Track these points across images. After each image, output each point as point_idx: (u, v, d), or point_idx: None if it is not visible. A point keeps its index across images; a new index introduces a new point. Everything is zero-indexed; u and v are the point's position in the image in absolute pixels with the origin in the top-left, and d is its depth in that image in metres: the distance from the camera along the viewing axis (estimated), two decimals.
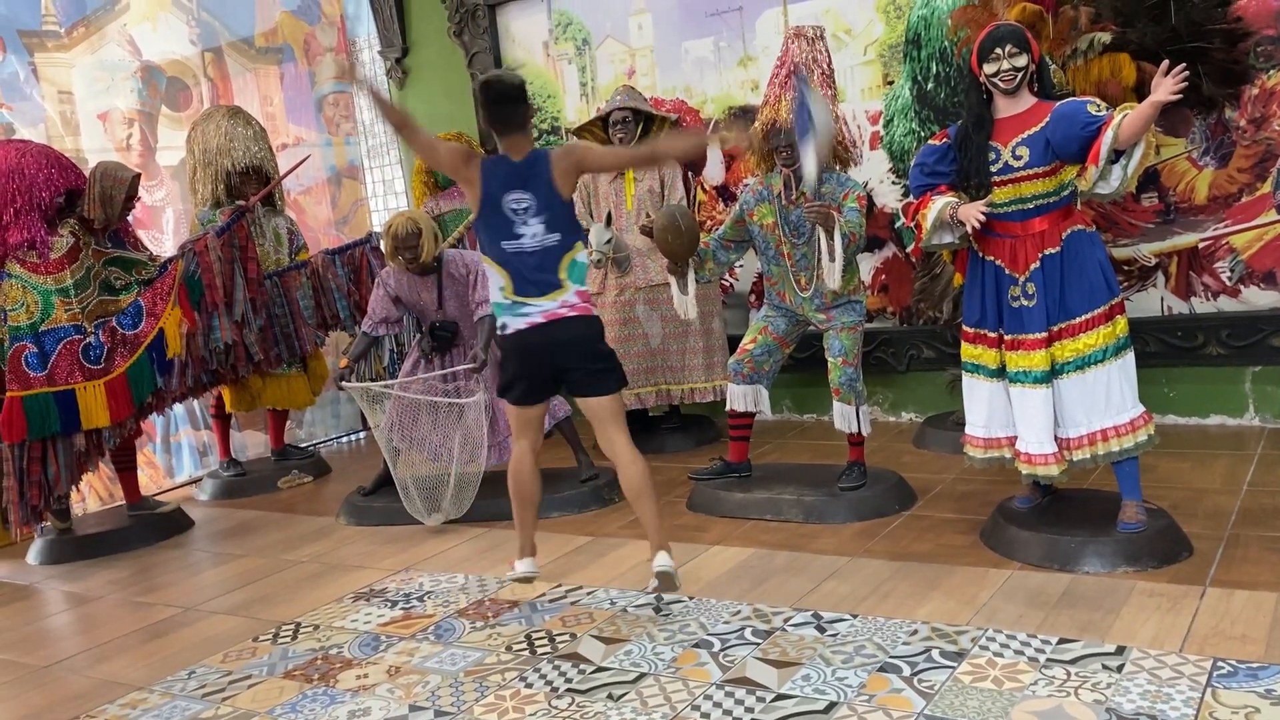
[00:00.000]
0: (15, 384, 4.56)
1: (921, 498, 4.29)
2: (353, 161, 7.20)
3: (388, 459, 4.68)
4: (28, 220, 4.62)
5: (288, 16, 6.82)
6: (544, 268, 3.22)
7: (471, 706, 2.89)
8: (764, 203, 4.26)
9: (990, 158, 3.39)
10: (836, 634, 3.08)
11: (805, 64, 4.09)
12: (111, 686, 3.34)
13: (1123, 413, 3.41)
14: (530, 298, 3.23)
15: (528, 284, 3.23)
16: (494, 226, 3.23)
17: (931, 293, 5.00)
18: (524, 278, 3.23)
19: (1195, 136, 4.78)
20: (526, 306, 3.23)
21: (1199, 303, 4.89)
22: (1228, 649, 2.74)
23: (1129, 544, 3.36)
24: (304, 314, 5.55)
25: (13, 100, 5.52)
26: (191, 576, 4.44)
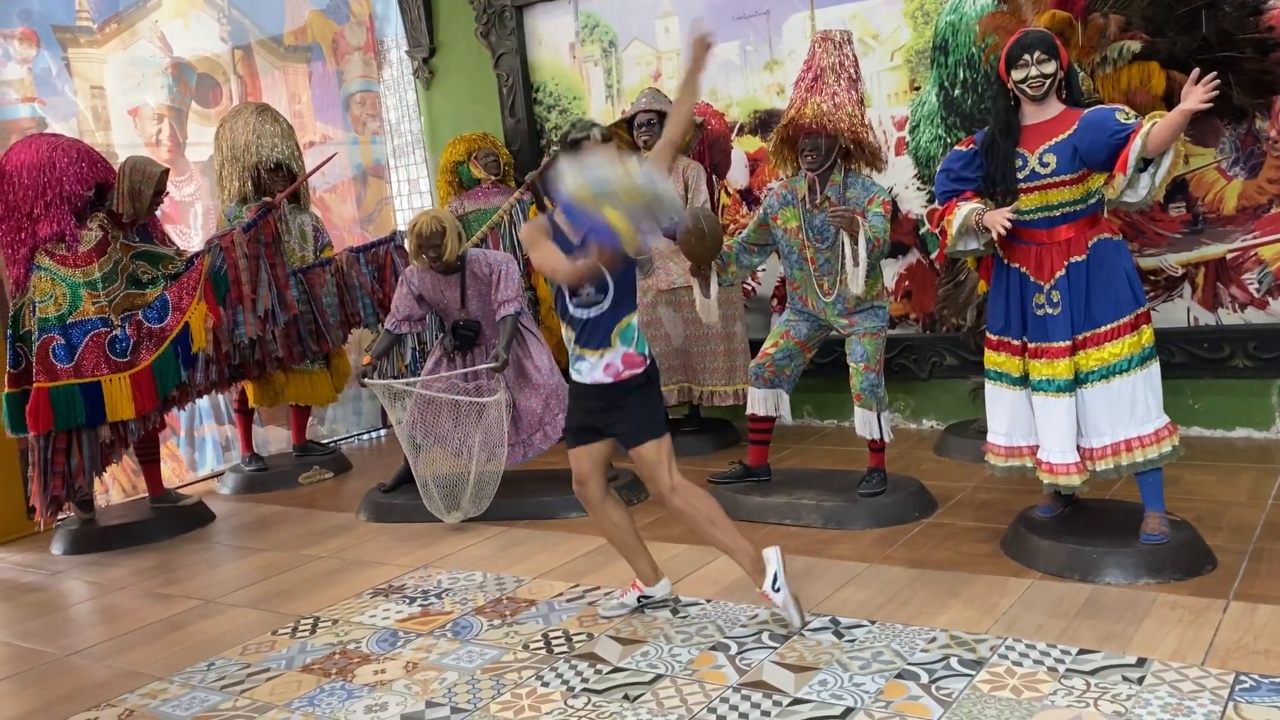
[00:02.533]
0: (42, 375, 4.61)
1: (942, 505, 4.27)
2: (378, 160, 7.24)
3: (408, 456, 4.70)
4: (58, 213, 4.67)
5: (317, 15, 6.86)
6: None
7: (488, 704, 2.90)
8: (788, 206, 4.25)
9: (1017, 164, 3.37)
10: (854, 640, 3.07)
11: (832, 67, 4.08)
12: (131, 676, 3.37)
13: (1147, 423, 3.38)
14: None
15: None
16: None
17: (955, 300, 4.97)
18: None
19: (1225, 146, 4.74)
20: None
21: (1226, 314, 4.85)
22: (1250, 663, 2.72)
23: (1151, 555, 3.34)
24: (328, 311, 5.58)
25: (45, 95, 5.59)
26: (212, 569, 4.47)
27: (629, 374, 3.24)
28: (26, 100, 5.52)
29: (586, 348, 3.25)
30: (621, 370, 3.24)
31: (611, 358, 3.22)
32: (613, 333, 3.22)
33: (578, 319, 3.24)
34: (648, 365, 3.28)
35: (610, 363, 3.23)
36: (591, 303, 3.21)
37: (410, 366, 5.64)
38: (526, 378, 4.76)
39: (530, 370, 4.76)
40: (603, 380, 3.25)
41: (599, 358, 3.23)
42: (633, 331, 3.25)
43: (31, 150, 4.69)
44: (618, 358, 3.23)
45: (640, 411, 3.26)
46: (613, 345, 3.22)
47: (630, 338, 3.24)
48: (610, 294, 3.19)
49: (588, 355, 3.25)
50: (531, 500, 4.73)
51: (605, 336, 3.22)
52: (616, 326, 3.22)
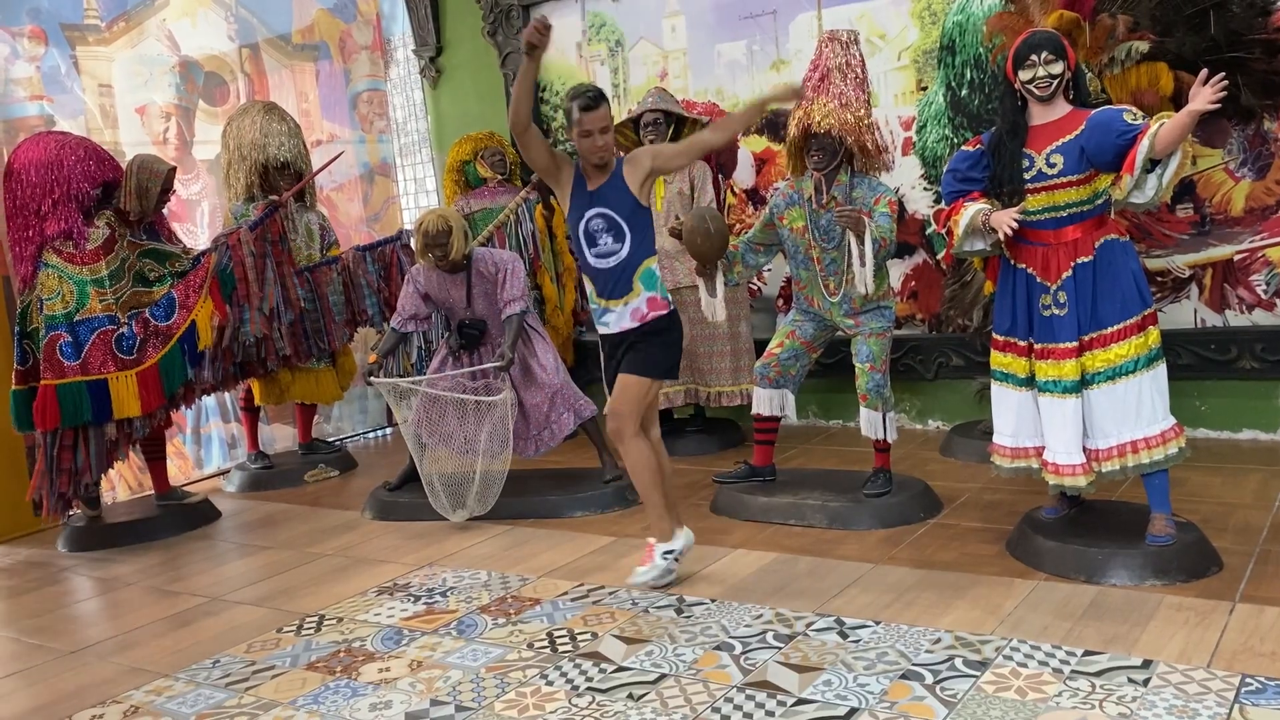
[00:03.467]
0: (49, 372, 4.62)
1: (947, 506, 4.26)
2: (385, 159, 7.25)
3: (414, 455, 4.71)
4: (65, 211, 4.68)
5: (324, 14, 6.88)
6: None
7: (492, 702, 2.90)
8: (794, 206, 4.25)
9: (1024, 165, 3.37)
10: (859, 640, 3.07)
11: (839, 67, 4.08)
12: (137, 673, 3.37)
13: (1153, 424, 3.37)
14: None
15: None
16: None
17: (961, 300, 4.97)
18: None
19: (1233, 147, 4.73)
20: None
21: (1233, 315, 4.83)
22: (1257, 665, 2.71)
23: (1157, 557, 3.33)
24: (334, 310, 5.59)
25: (53, 93, 5.60)
26: (217, 567, 4.47)
27: (653, 315, 3.43)
28: (35, 98, 5.54)
29: (611, 298, 3.44)
30: (646, 313, 3.42)
31: (637, 303, 3.41)
32: (634, 278, 3.39)
33: (599, 269, 3.42)
34: (671, 309, 3.47)
35: (636, 308, 3.42)
36: (610, 251, 3.38)
37: (416, 365, 5.65)
38: (532, 377, 4.76)
39: (535, 369, 4.76)
40: (630, 326, 3.43)
41: (624, 305, 3.42)
42: (654, 276, 3.43)
43: (39, 148, 4.71)
44: (643, 302, 3.41)
45: (650, 350, 3.46)
46: (635, 290, 3.40)
47: (653, 282, 3.43)
48: (627, 241, 3.38)
49: (613, 306, 3.44)
50: (537, 499, 4.73)
51: (628, 283, 3.40)
52: (637, 271, 3.39)
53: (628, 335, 3.47)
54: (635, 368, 3.46)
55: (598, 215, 3.41)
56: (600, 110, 3.33)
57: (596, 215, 3.42)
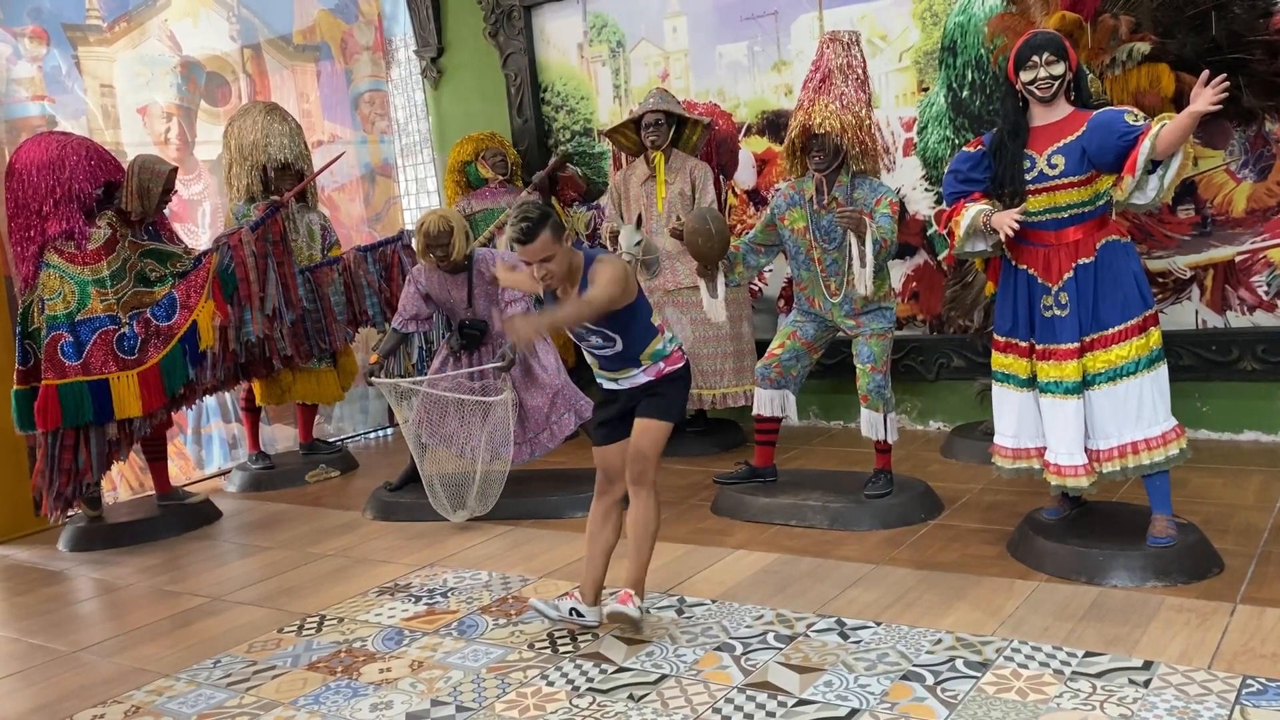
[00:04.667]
0: (51, 372, 4.62)
1: (948, 507, 4.26)
2: (387, 159, 7.25)
3: (414, 455, 4.71)
4: (67, 211, 4.68)
5: (326, 15, 6.88)
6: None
7: (493, 703, 2.90)
8: (795, 207, 4.25)
9: (1025, 166, 3.37)
10: (860, 641, 3.07)
11: (840, 68, 4.08)
12: (138, 673, 3.37)
13: (1154, 426, 3.37)
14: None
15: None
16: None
17: (962, 301, 4.97)
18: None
19: (1234, 148, 4.73)
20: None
21: (1234, 317, 4.83)
22: (1258, 667, 2.71)
23: (1158, 558, 3.33)
24: (335, 310, 5.59)
25: (55, 93, 5.61)
26: (218, 567, 4.48)
27: (669, 369, 3.29)
28: (36, 98, 5.54)
29: (615, 372, 3.29)
30: (663, 369, 3.28)
31: (649, 369, 3.26)
32: (641, 358, 3.24)
33: (599, 356, 3.28)
34: (685, 360, 3.34)
35: (650, 369, 3.27)
36: (604, 348, 3.24)
37: (417, 366, 5.65)
38: (533, 377, 4.76)
39: (536, 370, 4.76)
40: (644, 381, 3.28)
41: (638, 370, 3.26)
42: (665, 348, 3.27)
43: (41, 148, 4.71)
44: (660, 365, 3.27)
45: (668, 396, 3.30)
46: (644, 366, 3.26)
47: (664, 353, 3.27)
48: (619, 341, 3.21)
49: (619, 376, 3.28)
50: (537, 499, 4.73)
51: (635, 361, 3.25)
52: (643, 355, 3.24)
53: (641, 388, 3.30)
54: (657, 413, 3.27)
55: (580, 326, 3.19)
56: (536, 243, 3.03)
57: (579, 330, 3.21)
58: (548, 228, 3.05)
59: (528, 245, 3.05)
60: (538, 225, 3.04)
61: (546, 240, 3.05)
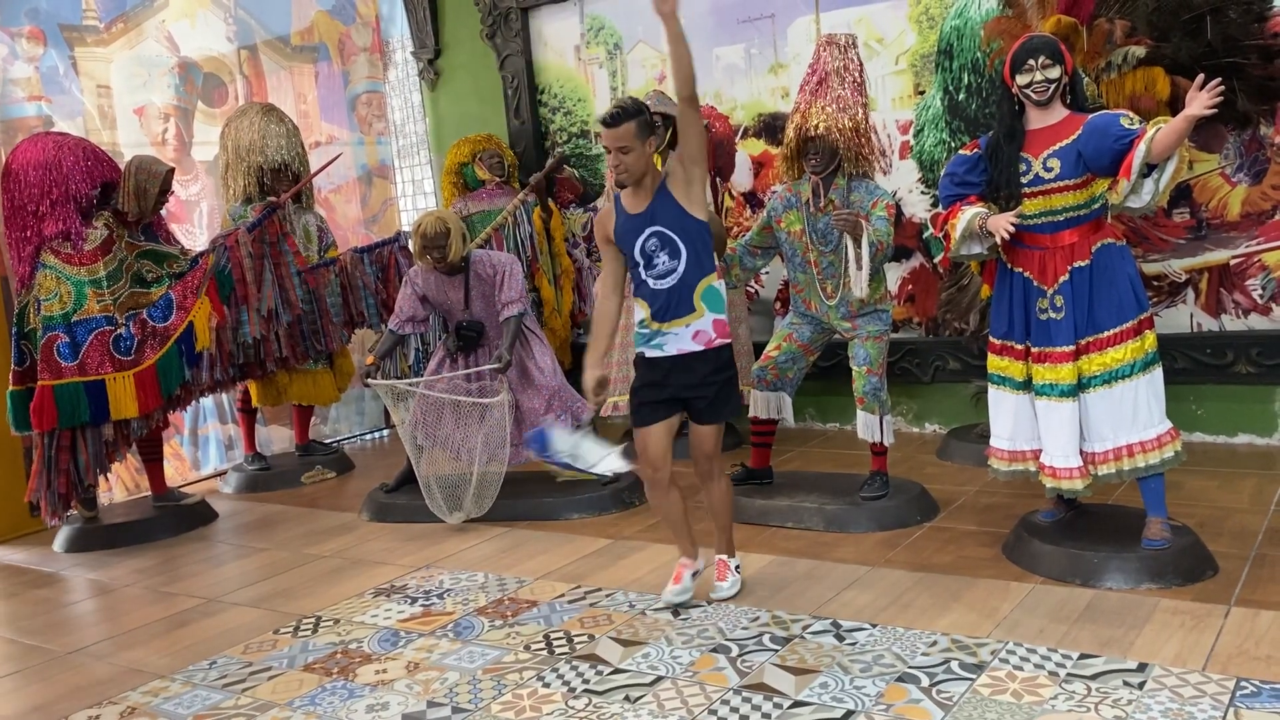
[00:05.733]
0: (47, 373, 4.62)
1: (944, 509, 4.27)
2: (384, 161, 7.26)
3: (411, 457, 4.71)
4: (63, 212, 4.68)
5: (323, 16, 6.88)
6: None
7: (489, 704, 2.90)
8: (792, 209, 4.25)
9: (1021, 169, 3.38)
10: (855, 643, 3.07)
11: (837, 71, 4.08)
12: (134, 674, 3.37)
13: (1149, 428, 3.38)
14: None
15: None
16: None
17: (958, 304, 4.98)
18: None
19: (1229, 152, 4.74)
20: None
21: (1229, 320, 4.85)
22: (1252, 669, 2.72)
23: (1153, 561, 3.33)
24: (331, 311, 5.59)
25: (52, 93, 5.60)
26: (214, 568, 4.47)
27: (720, 342, 3.25)
28: (33, 99, 5.54)
29: (669, 320, 3.24)
30: (714, 338, 3.23)
31: (701, 324, 3.22)
32: (695, 296, 3.20)
33: (656, 291, 3.24)
34: (731, 338, 3.33)
35: (700, 330, 3.22)
36: (668, 270, 3.21)
37: (413, 367, 5.65)
38: (529, 379, 4.77)
39: (533, 371, 4.77)
40: (691, 349, 3.23)
41: (685, 326, 3.23)
42: (718, 296, 3.24)
43: (38, 148, 4.71)
44: (708, 324, 3.22)
45: (725, 392, 3.30)
46: (699, 311, 3.21)
47: (717, 303, 3.23)
48: (683, 257, 3.20)
49: (672, 327, 3.24)
50: (534, 501, 4.73)
51: (689, 302, 3.21)
52: (698, 288, 3.20)
53: (687, 361, 3.24)
54: (715, 416, 3.32)
55: (651, 236, 3.22)
56: (619, 128, 3.15)
57: (649, 236, 3.22)
58: (634, 120, 3.15)
59: (610, 129, 3.15)
60: (625, 114, 3.16)
61: (628, 131, 3.15)
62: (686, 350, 3.25)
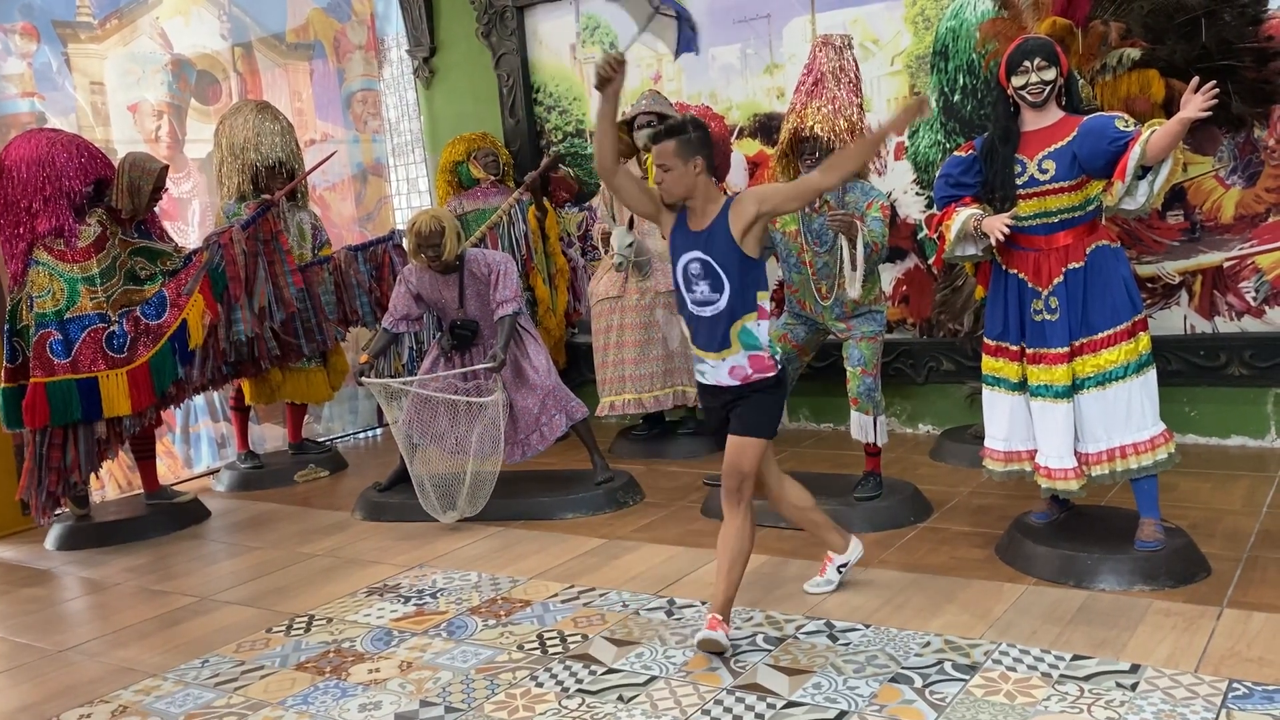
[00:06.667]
0: (39, 370, 4.60)
1: (937, 510, 4.28)
2: (379, 159, 7.24)
3: (405, 455, 4.70)
4: (56, 208, 4.66)
5: (318, 13, 6.87)
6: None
7: (482, 704, 2.90)
8: None
9: (1016, 170, 3.38)
10: (849, 643, 3.07)
11: (833, 72, 4.09)
12: (125, 672, 3.36)
13: (1143, 430, 3.39)
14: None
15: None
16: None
17: (952, 305, 4.98)
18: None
19: (1223, 155, 4.75)
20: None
21: (1222, 322, 4.86)
22: (1244, 671, 2.72)
23: (1146, 562, 3.34)
24: (325, 309, 5.58)
25: (45, 90, 5.58)
26: (207, 566, 4.46)
27: (757, 377, 3.12)
28: (26, 95, 5.52)
29: (705, 350, 3.14)
30: (750, 374, 3.11)
31: (736, 360, 3.10)
32: (732, 333, 3.08)
33: (695, 317, 3.13)
34: (779, 371, 3.16)
35: (736, 366, 3.11)
36: (707, 300, 3.08)
37: (407, 366, 5.64)
38: (523, 378, 4.76)
39: (527, 370, 4.76)
40: (728, 383, 3.13)
41: (720, 360, 3.12)
42: (755, 337, 3.10)
43: (31, 145, 4.69)
44: (744, 361, 3.10)
45: (760, 408, 3.15)
46: (734, 348, 3.09)
47: (754, 341, 3.10)
48: (726, 292, 3.06)
49: (707, 358, 3.14)
50: (528, 500, 4.73)
51: (725, 337, 3.09)
52: (735, 326, 3.07)
53: (727, 392, 3.16)
54: (748, 428, 3.15)
55: (695, 260, 3.07)
56: (658, 145, 3.03)
57: (694, 260, 3.08)
58: (674, 139, 3.04)
59: (658, 145, 3.05)
60: (667, 132, 3.06)
61: (666, 149, 3.04)
62: (724, 383, 3.16)
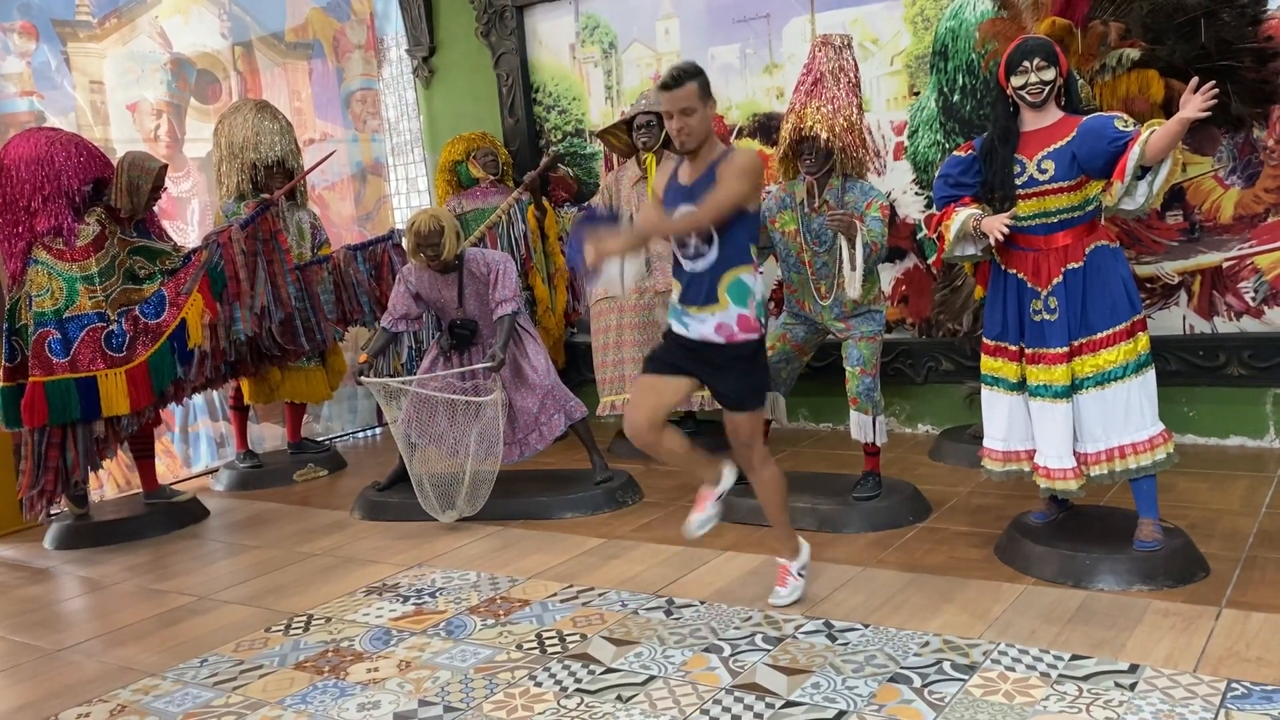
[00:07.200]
0: (38, 369, 4.60)
1: (936, 510, 4.28)
2: (378, 158, 7.24)
3: (403, 455, 4.70)
4: (55, 207, 4.66)
5: (318, 13, 6.86)
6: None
7: (481, 704, 2.90)
8: (786, 210, 4.25)
9: (1015, 170, 3.38)
10: (848, 643, 3.07)
11: (832, 72, 4.09)
12: (124, 672, 3.36)
13: (1142, 430, 3.39)
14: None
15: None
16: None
17: (951, 305, 4.98)
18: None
19: (1222, 155, 4.76)
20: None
21: (1221, 322, 4.86)
22: (1242, 671, 2.73)
23: (1145, 562, 3.34)
24: (324, 308, 5.58)
25: (44, 89, 5.58)
26: (205, 566, 4.46)
27: (743, 338, 3.17)
28: (25, 94, 5.51)
29: (693, 304, 3.18)
30: (736, 333, 3.16)
31: (724, 317, 3.15)
32: (721, 287, 3.13)
33: (686, 273, 3.19)
34: (762, 333, 3.24)
35: (723, 322, 3.15)
36: (697, 254, 3.15)
37: (406, 365, 5.64)
38: (523, 377, 4.76)
39: (526, 370, 4.76)
40: (713, 339, 3.17)
41: (710, 314, 3.16)
42: (746, 289, 3.14)
43: (30, 144, 4.69)
44: (732, 318, 3.15)
45: (751, 379, 3.23)
46: (722, 303, 3.13)
47: (743, 296, 3.14)
48: (715, 244, 3.11)
49: (695, 312, 3.18)
50: (526, 500, 4.73)
51: (713, 291, 3.13)
52: (724, 278, 3.12)
53: (707, 348, 3.18)
54: (738, 403, 3.23)
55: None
56: (681, 89, 3.03)
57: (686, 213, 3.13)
58: (696, 80, 3.06)
59: (672, 90, 3.04)
60: (687, 74, 3.06)
61: (690, 92, 3.05)
62: (708, 338, 3.19)
